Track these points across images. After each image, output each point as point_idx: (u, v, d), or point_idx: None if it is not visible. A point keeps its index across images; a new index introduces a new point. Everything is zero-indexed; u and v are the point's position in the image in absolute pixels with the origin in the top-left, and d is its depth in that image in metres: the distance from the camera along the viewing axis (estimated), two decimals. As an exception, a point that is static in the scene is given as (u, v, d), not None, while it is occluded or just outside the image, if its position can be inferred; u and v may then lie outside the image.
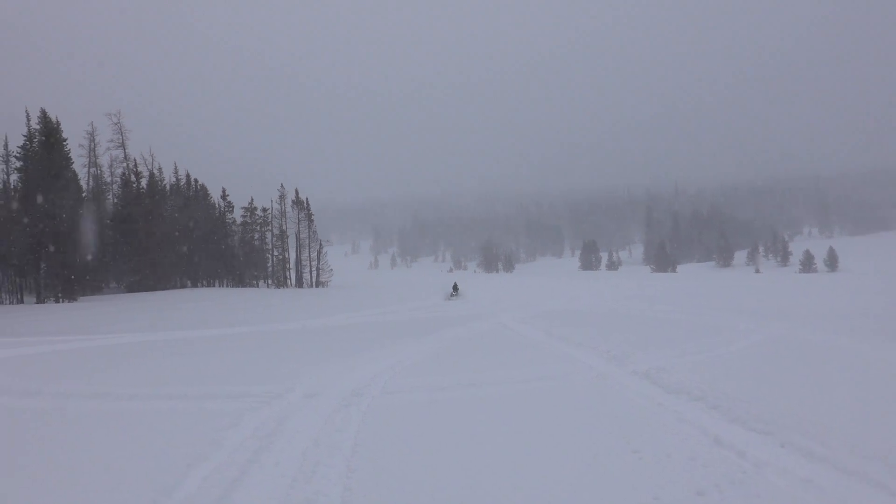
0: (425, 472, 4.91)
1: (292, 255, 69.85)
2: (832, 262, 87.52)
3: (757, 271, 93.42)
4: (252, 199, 66.08)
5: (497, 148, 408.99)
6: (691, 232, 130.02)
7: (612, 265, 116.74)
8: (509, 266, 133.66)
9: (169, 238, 53.59)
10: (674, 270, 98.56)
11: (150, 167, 58.07)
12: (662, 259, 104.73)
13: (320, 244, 70.23)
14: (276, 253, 69.32)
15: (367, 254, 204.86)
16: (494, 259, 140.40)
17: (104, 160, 58.54)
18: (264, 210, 67.24)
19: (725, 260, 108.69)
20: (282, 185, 68.84)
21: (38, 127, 45.90)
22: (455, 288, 39.78)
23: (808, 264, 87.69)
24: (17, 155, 45.90)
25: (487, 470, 4.96)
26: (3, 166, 48.79)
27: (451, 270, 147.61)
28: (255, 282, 66.33)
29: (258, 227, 67.27)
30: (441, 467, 5.04)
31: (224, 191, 64.84)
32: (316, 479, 4.79)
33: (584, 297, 32.62)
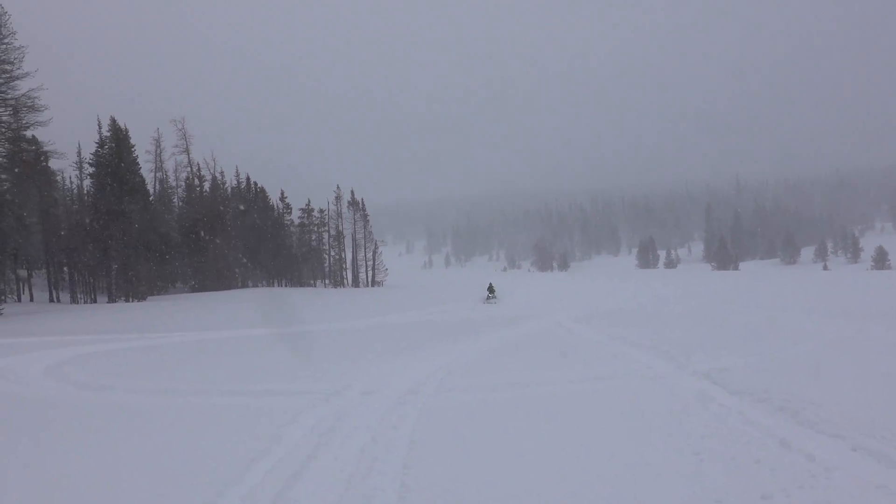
0: (479, 472, 4.93)
1: (348, 255, 71.06)
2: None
3: (825, 268, 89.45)
4: (309, 201, 67.50)
5: (553, 145, 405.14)
6: (754, 228, 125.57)
7: (671, 263, 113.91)
8: (564, 265, 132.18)
9: (230, 240, 55.29)
10: (736, 268, 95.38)
11: (212, 171, 60.09)
12: (723, 256, 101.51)
13: (375, 244, 71.18)
14: (332, 253, 70.64)
15: (422, 253, 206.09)
16: (549, 258, 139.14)
17: (169, 165, 60.98)
18: (321, 211, 68.60)
19: (791, 257, 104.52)
20: (338, 187, 70.10)
21: (108, 134, 48.08)
22: (491, 290, 35.49)
23: (880, 261, 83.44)
24: (90, 161, 48.17)
25: (541, 470, 4.93)
26: (78, 172, 51.28)
27: (505, 269, 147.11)
28: (312, 281, 67.77)
29: (315, 228, 68.69)
30: (495, 467, 5.04)
31: (282, 193, 66.41)
32: (373, 475, 4.87)
33: (642, 296, 31.95)
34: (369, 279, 69.43)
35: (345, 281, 70.03)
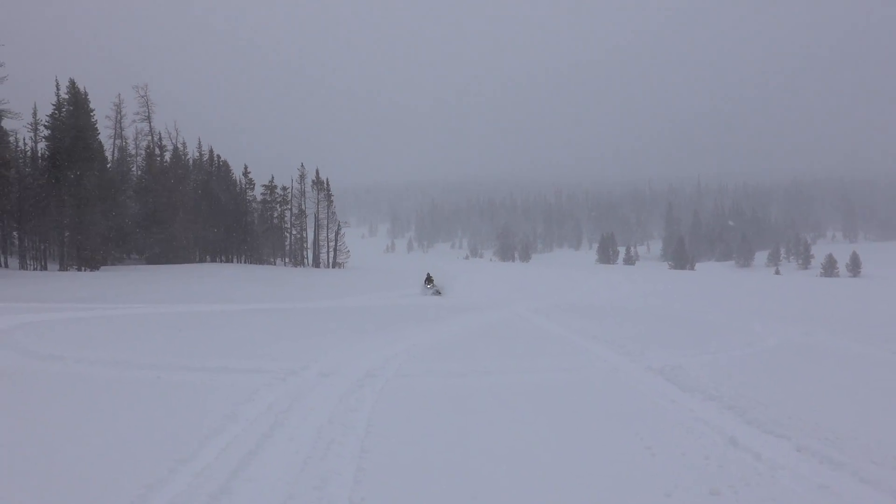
0: (437, 457, 4.95)
1: (310, 235, 70.28)
2: (855, 266, 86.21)
3: (777, 273, 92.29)
4: (273, 178, 66.44)
5: (519, 136, 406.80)
6: (712, 230, 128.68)
7: (630, 260, 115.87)
8: (525, 256, 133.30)
9: (189, 212, 54.07)
10: (692, 268, 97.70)
11: (174, 141, 58.62)
12: (681, 256, 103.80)
13: (338, 225, 70.57)
14: (294, 232, 69.76)
15: (385, 237, 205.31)
16: (511, 248, 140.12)
17: (130, 132, 59.13)
18: (284, 189, 67.59)
19: (745, 260, 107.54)
20: (302, 165, 69.12)
21: (66, 97, 46.38)
22: (429, 280, 30.21)
23: (829, 268, 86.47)
24: (46, 124, 46.45)
25: (498, 459, 4.99)
26: (32, 134, 49.43)
27: (467, 258, 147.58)
28: (272, 259, 66.88)
29: (278, 206, 67.67)
30: (452, 453, 5.07)
31: (246, 168, 65.21)
32: (330, 457, 4.85)
33: (601, 291, 32.47)
34: (330, 260, 68.86)
35: (305, 261, 69.33)
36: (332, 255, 68.74)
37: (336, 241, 69.22)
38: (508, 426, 5.91)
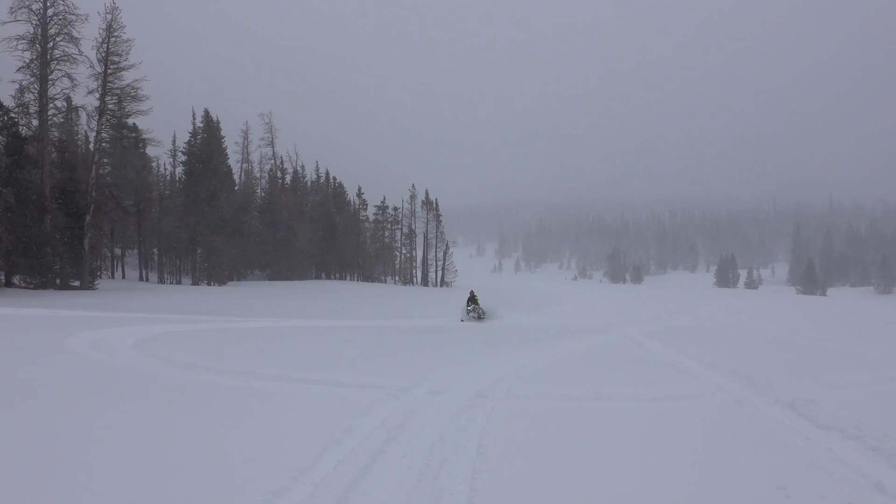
0: (548, 482, 4.85)
1: (419, 254, 71.82)
2: None
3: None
4: (384, 198, 68.64)
5: (631, 153, 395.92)
6: (846, 252, 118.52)
7: (752, 283, 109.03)
8: (638, 277, 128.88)
9: (307, 231, 56.86)
10: (823, 294, 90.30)
11: (294, 164, 62.13)
12: (810, 280, 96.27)
13: (447, 245, 71.62)
14: (403, 251, 71.57)
15: (492, 257, 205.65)
16: (622, 269, 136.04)
17: (255, 156, 63.33)
18: (395, 209, 69.63)
19: (886, 286, 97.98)
20: (413, 186, 70.95)
21: (201, 125, 50.42)
22: (473, 301, 25.18)
23: None
24: (183, 150, 50.62)
25: (613, 490, 4.80)
26: (172, 160, 54.02)
27: (575, 278, 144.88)
28: (383, 278, 68.88)
29: (389, 225, 69.78)
30: (564, 480, 4.94)
31: (359, 189, 67.77)
32: (442, 476, 4.87)
33: (720, 316, 30.74)
34: (438, 279, 69.88)
35: (414, 279, 70.77)
36: (440, 274, 69.77)
37: (444, 260, 70.25)
38: (623, 456, 5.69)
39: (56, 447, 4.94)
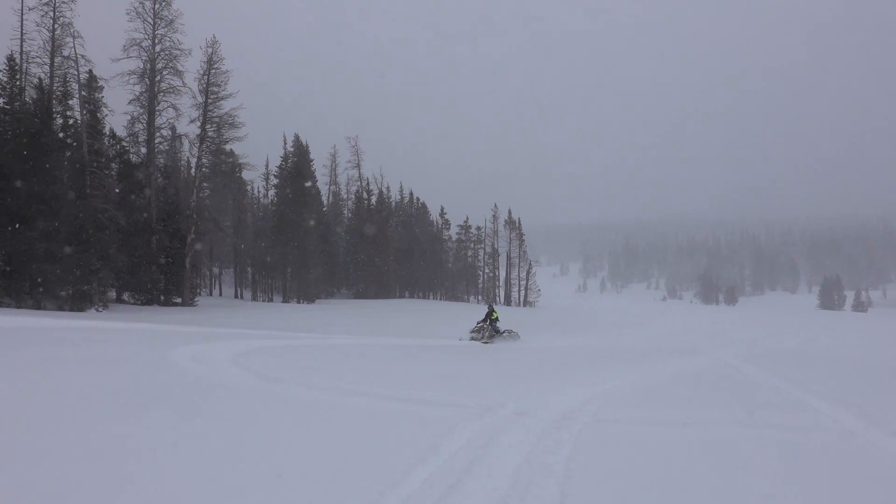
0: (643, 510, 4.66)
1: (502, 274, 71.66)
2: None
3: None
4: (467, 218, 69.11)
5: (723, 170, 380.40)
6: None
7: (860, 306, 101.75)
8: (731, 298, 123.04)
9: (392, 251, 57.98)
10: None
11: (379, 186, 63.66)
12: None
13: (530, 264, 71.13)
14: (486, 270, 71.58)
15: (576, 276, 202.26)
16: (714, 290, 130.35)
17: (342, 179, 65.42)
18: (478, 228, 69.91)
19: None
20: (495, 205, 71.10)
21: (291, 149, 52.63)
22: (491, 319, 23.08)
23: None
24: (275, 174, 52.95)
25: (713, 519, 4.55)
26: (265, 183, 56.63)
27: (664, 299, 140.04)
28: (466, 297, 69.07)
29: (471, 245, 70.07)
30: (660, 507, 4.73)
31: (442, 209, 68.54)
32: (529, 498, 4.78)
33: (824, 339, 28.80)
34: (522, 299, 69.35)
35: (497, 299, 70.54)
36: (523, 293, 69.25)
37: (527, 279, 69.72)
38: (719, 487, 5.39)
39: (158, 449, 5.21)
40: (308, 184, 51.54)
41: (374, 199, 62.42)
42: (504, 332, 23.54)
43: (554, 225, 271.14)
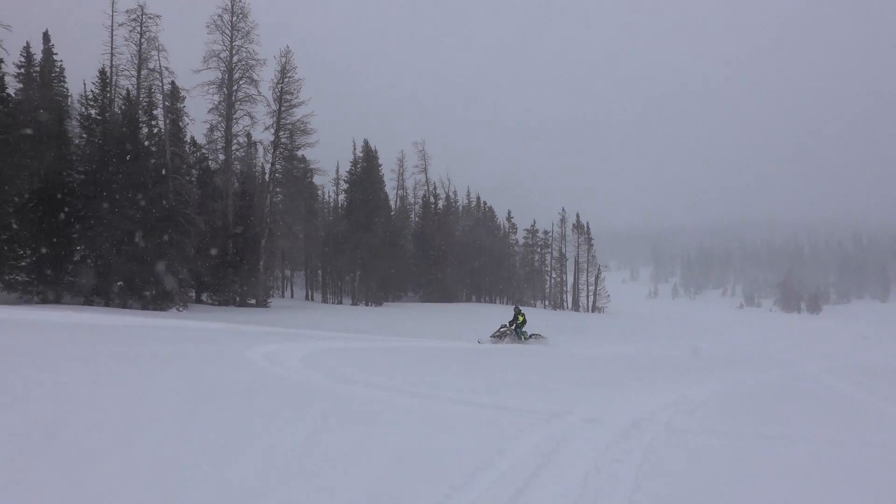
0: (719, 524, 4.47)
1: (569, 278, 70.66)
2: None
3: None
4: (534, 222, 68.63)
5: (806, 171, 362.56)
6: None
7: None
8: (815, 307, 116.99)
9: (459, 255, 58.17)
10: None
11: (446, 190, 64.07)
12: None
13: (598, 269, 69.86)
14: (553, 275, 70.76)
15: (647, 282, 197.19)
16: (795, 297, 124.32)
17: (409, 183, 66.21)
18: (545, 233, 69.26)
19: None
20: (563, 209, 70.27)
21: (361, 154, 53.64)
22: (516, 322, 22.47)
23: None
24: (345, 179, 54.10)
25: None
26: (335, 188, 57.98)
27: (741, 307, 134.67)
28: (533, 302, 68.48)
29: (539, 249, 69.46)
30: (737, 522, 4.53)
31: (509, 213, 68.32)
32: (598, 506, 4.68)
33: (919, 352, 26.98)
34: (590, 304, 68.18)
35: (565, 304, 69.65)
36: (591, 299, 68.09)
37: (596, 284, 68.50)
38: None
39: (238, 444, 5.39)
40: (376, 188, 52.45)
41: (440, 204, 62.86)
42: (531, 336, 22.80)
43: (624, 229, 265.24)
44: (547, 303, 69.86)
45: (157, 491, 4.22)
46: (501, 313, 44.11)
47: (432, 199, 62.25)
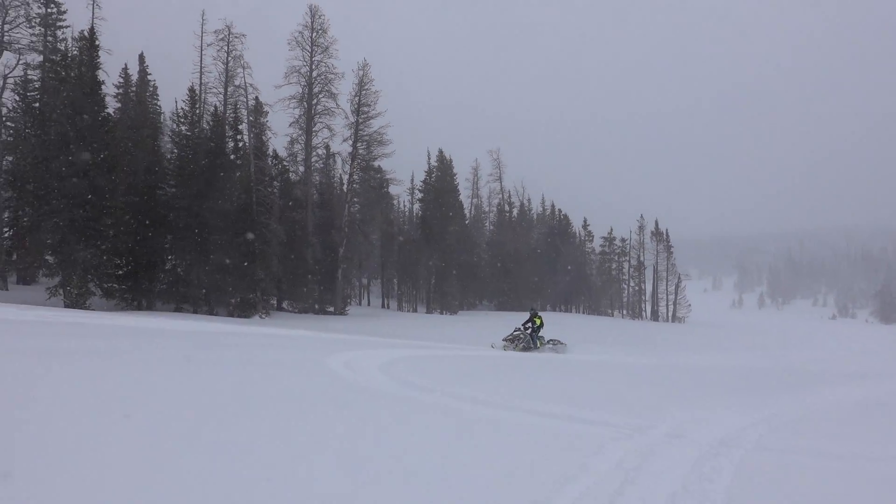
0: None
1: (648, 287, 68.66)
2: None
3: None
4: (611, 229, 67.17)
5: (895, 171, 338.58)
6: None
7: None
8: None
9: (533, 263, 57.65)
10: None
11: (521, 198, 63.75)
12: None
13: (679, 277, 67.61)
14: (631, 283, 68.98)
15: (730, 291, 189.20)
16: (895, 308, 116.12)
17: (484, 192, 66.23)
18: (623, 240, 67.67)
19: None
20: (641, 216, 68.48)
21: (435, 164, 54.13)
22: (533, 325, 21.45)
23: None
24: (420, 188, 54.74)
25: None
26: (410, 197, 58.77)
27: (833, 317, 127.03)
28: (609, 311, 66.97)
29: (616, 257, 67.91)
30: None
31: (585, 220, 67.20)
32: (687, 528, 4.48)
33: None
34: (669, 314, 66.03)
35: (643, 313, 67.79)
36: (671, 308, 65.96)
37: (676, 294, 66.33)
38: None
39: (316, 448, 5.51)
40: (451, 197, 52.78)
41: (515, 212, 62.56)
42: (549, 342, 21.75)
43: (705, 236, 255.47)
44: (624, 312, 68.18)
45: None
46: (576, 323, 43.31)
47: (507, 208, 62.08)
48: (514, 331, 21.94)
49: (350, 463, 5.31)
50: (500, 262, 56.78)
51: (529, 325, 21.71)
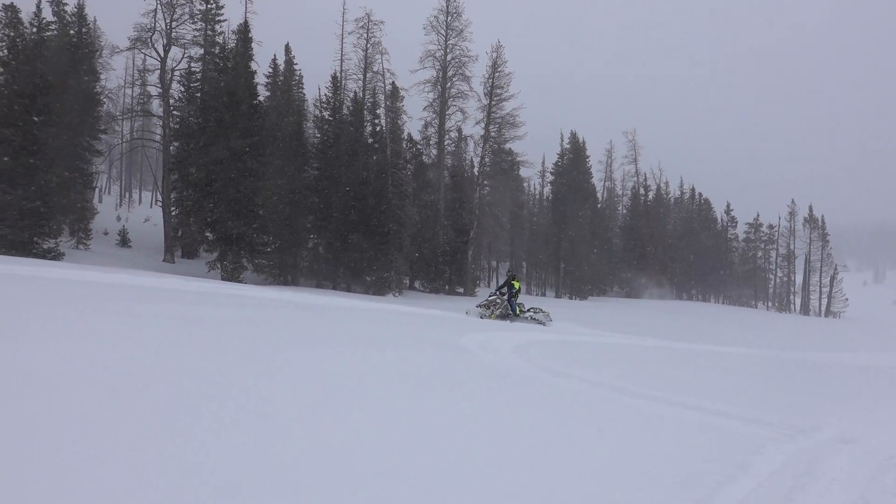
0: None
1: (798, 279, 63.35)
2: None
3: None
4: (758, 215, 62.60)
5: None
6: None
7: None
8: None
9: (668, 249, 55.02)
10: None
11: (657, 181, 60.94)
12: None
13: (835, 269, 61.72)
14: (779, 274, 63.97)
15: (895, 286, 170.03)
16: None
17: (618, 175, 64.02)
18: (770, 227, 62.84)
19: None
20: (793, 202, 63.16)
21: (568, 146, 52.97)
22: (511, 291, 19.81)
23: None
24: (551, 171, 53.88)
25: None
26: (541, 180, 58.05)
27: None
28: (753, 303, 62.56)
29: (762, 245, 63.23)
30: None
31: (728, 206, 63.11)
32: (873, 545, 3.99)
33: None
34: (823, 308, 60.60)
35: (791, 306, 62.73)
36: (825, 301, 60.46)
37: (831, 286, 60.69)
38: None
39: (451, 423, 5.52)
40: (583, 180, 51.47)
41: (651, 196, 59.91)
42: (529, 310, 19.91)
43: (867, 225, 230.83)
44: (770, 304, 63.44)
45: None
46: (715, 314, 40.89)
47: (642, 191, 59.58)
48: (490, 295, 20.37)
49: (525, 445, 5.26)
50: (633, 247, 54.72)
51: (506, 289, 20.13)
